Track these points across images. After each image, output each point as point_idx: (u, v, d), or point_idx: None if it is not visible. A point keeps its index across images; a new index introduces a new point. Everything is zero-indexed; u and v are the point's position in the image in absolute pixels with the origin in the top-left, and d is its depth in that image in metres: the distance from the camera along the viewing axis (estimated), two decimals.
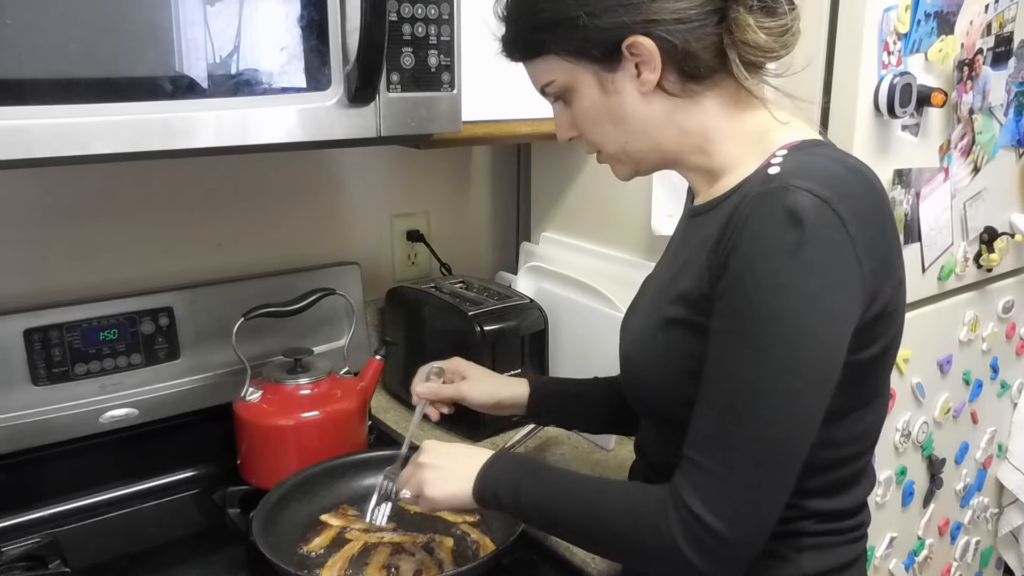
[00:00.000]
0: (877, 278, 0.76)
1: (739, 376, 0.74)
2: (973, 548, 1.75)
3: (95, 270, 1.33)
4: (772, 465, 0.74)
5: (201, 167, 1.40)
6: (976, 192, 1.46)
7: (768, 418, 0.73)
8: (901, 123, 1.26)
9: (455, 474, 0.93)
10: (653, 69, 0.81)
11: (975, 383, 1.61)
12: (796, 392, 0.73)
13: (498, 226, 1.84)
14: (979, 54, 1.35)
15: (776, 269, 0.71)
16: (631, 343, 0.93)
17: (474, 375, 1.16)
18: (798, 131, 0.84)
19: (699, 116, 0.84)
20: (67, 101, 0.85)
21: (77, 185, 1.30)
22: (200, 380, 1.35)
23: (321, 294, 1.32)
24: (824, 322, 0.73)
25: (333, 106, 1.00)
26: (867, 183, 0.80)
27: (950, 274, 1.45)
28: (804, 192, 0.72)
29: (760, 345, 0.72)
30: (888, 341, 0.81)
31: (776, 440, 0.73)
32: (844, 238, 0.72)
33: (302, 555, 1.10)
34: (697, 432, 0.77)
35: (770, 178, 0.76)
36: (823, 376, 0.74)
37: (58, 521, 1.24)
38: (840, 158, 0.80)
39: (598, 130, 0.88)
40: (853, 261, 0.73)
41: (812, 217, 0.71)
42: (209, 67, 0.92)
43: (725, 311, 0.75)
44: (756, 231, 0.73)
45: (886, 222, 0.80)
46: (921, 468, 1.54)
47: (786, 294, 0.71)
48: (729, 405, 0.74)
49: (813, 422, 0.75)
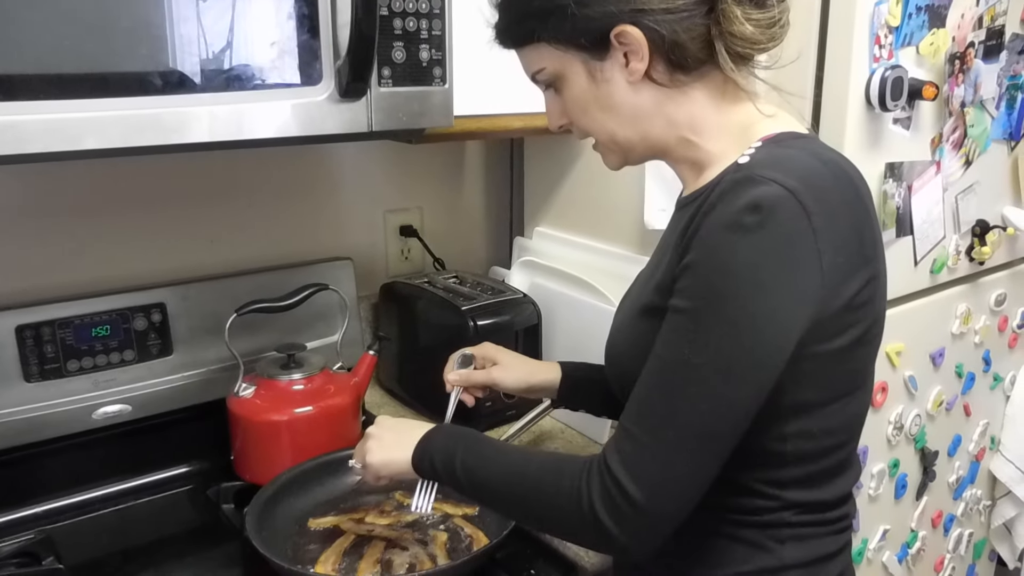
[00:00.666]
0: (841, 272, 0.76)
1: (678, 351, 0.75)
2: (966, 540, 1.76)
3: (88, 266, 1.33)
4: (696, 442, 0.75)
5: (194, 163, 1.40)
6: (968, 185, 1.46)
7: (698, 394, 0.74)
8: (893, 116, 1.26)
9: (396, 442, 0.96)
10: (641, 59, 0.81)
11: (968, 376, 1.61)
12: (729, 374, 0.73)
13: (491, 221, 1.84)
14: (971, 47, 1.35)
15: (729, 252, 0.72)
16: (613, 332, 0.95)
17: (505, 360, 1.17)
18: (782, 124, 0.84)
19: (687, 107, 0.85)
20: (58, 96, 0.85)
21: (70, 181, 1.30)
22: (193, 376, 1.35)
23: (314, 289, 1.32)
24: (769, 311, 0.73)
25: (324, 101, 1.00)
26: (843, 176, 0.80)
27: (942, 267, 1.45)
28: (769, 182, 0.73)
29: (703, 323, 0.74)
30: (860, 332, 0.81)
31: (703, 418, 0.74)
32: (805, 229, 0.72)
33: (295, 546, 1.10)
34: (632, 401, 0.78)
35: (738, 167, 0.77)
36: (760, 363, 0.74)
37: (52, 518, 1.23)
38: (816, 151, 0.80)
39: (587, 118, 0.89)
40: (812, 254, 0.73)
41: (773, 205, 0.72)
42: (200, 62, 0.92)
43: (679, 290, 0.76)
44: (717, 218, 0.74)
45: (861, 216, 0.80)
46: (914, 461, 1.55)
47: (735, 277, 0.72)
48: (664, 378, 0.76)
49: (744, 407, 0.75)
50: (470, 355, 1.18)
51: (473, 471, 0.88)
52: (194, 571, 1.13)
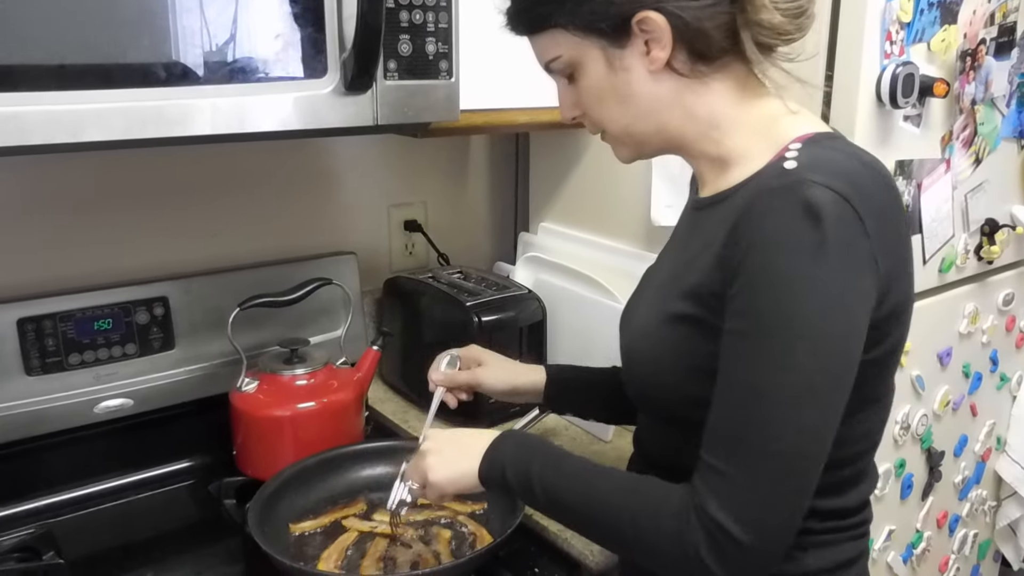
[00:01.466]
0: (890, 276, 0.74)
1: (758, 378, 0.71)
2: (971, 541, 1.75)
3: (89, 259, 1.32)
4: (795, 470, 0.72)
5: (197, 156, 1.39)
6: (978, 184, 1.45)
7: (790, 421, 0.71)
8: (903, 114, 1.25)
9: (460, 454, 0.91)
10: (663, 47, 0.79)
11: (975, 376, 1.60)
12: (817, 394, 0.71)
13: (496, 216, 1.83)
14: (982, 44, 1.34)
15: (795, 267, 0.69)
16: (634, 338, 0.91)
17: (490, 361, 1.15)
18: (808, 122, 0.82)
19: (707, 99, 0.82)
20: (60, 88, 0.84)
21: (72, 174, 1.29)
22: (195, 370, 1.34)
23: (317, 284, 1.31)
24: (844, 322, 0.71)
25: (329, 94, 0.99)
26: (882, 179, 0.78)
27: (951, 266, 1.44)
28: (822, 187, 0.70)
29: (779, 346, 0.70)
30: (896, 341, 0.80)
31: (799, 444, 0.71)
32: (862, 235, 0.70)
33: (296, 541, 1.10)
34: (716, 436, 0.74)
35: (786, 172, 0.73)
36: (843, 377, 0.72)
37: (52, 512, 1.23)
38: (855, 153, 0.78)
39: (603, 109, 0.86)
40: (870, 259, 0.71)
41: (831, 213, 0.69)
42: (204, 54, 0.91)
43: (741, 310, 0.73)
44: (773, 227, 0.70)
45: (899, 219, 0.78)
46: (920, 461, 1.54)
47: (806, 294, 0.69)
48: (748, 408, 0.72)
49: (834, 424, 0.73)
50: (456, 356, 1.16)
51: (553, 495, 0.84)
52: (195, 566, 1.12)
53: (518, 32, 0.87)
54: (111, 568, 1.12)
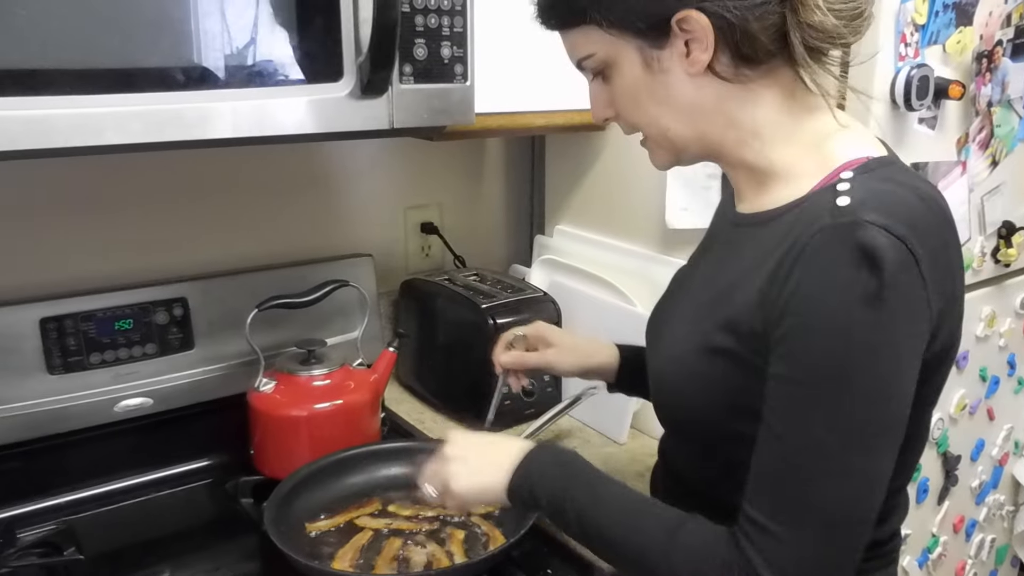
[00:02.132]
0: (942, 316, 0.71)
1: (807, 431, 0.67)
2: (988, 546, 1.74)
3: (110, 260, 1.34)
4: (846, 526, 0.68)
5: (216, 158, 1.41)
6: (994, 186, 1.44)
7: (841, 477, 0.67)
8: (918, 116, 1.25)
9: (485, 465, 0.86)
10: (705, 48, 0.73)
11: (991, 379, 1.59)
12: (869, 448, 0.67)
13: (512, 219, 1.84)
14: (998, 45, 1.33)
15: (850, 315, 0.65)
16: (668, 359, 0.86)
17: (561, 342, 1.10)
18: (860, 141, 0.77)
19: (751, 107, 0.77)
20: (81, 91, 0.85)
21: (93, 176, 1.31)
22: (214, 370, 1.36)
23: (334, 286, 1.32)
24: (899, 373, 0.67)
25: (345, 97, 1.00)
26: (940, 214, 0.73)
27: (967, 269, 1.43)
28: (880, 229, 0.65)
29: (830, 397, 0.67)
30: (942, 378, 0.77)
31: (850, 500, 0.68)
32: (917, 280, 0.66)
33: (312, 541, 1.11)
34: (761, 488, 0.70)
35: (840, 210, 0.68)
36: (895, 427, 0.69)
37: (73, 509, 1.24)
38: (913, 184, 0.73)
39: (638, 111, 0.81)
40: (924, 304, 0.68)
41: (891, 259, 0.65)
42: (222, 58, 0.92)
43: (790, 357, 0.69)
44: (826, 271, 0.66)
45: (954, 256, 0.74)
46: (936, 465, 1.53)
47: (860, 343, 0.66)
48: (796, 462, 0.68)
49: (886, 476, 0.69)
50: (523, 336, 1.11)
51: (589, 521, 0.79)
52: (212, 564, 1.14)
53: (549, 26, 0.82)
54: (130, 564, 1.13)
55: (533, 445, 0.87)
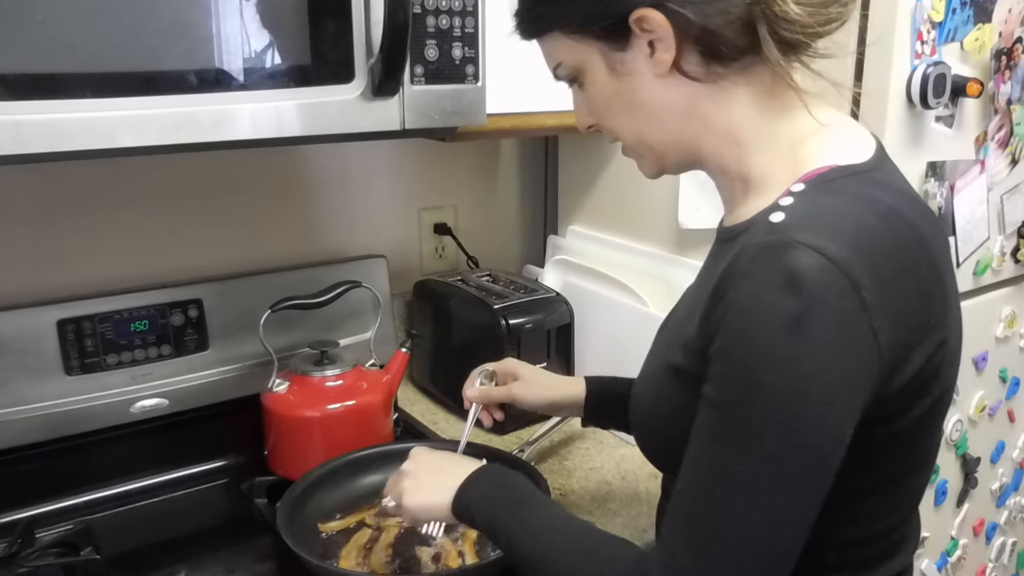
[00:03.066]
0: (903, 347, 0.65)
1: (720, 457, 0.64)
2: (1009, 549, 1.72)
3: (126, 262, 1.35)
4: (750, 563, 0.64)
5: (230, 160, 1.42)
6: (1014, 185, 1.43)
7: (747, 509, 0.63)
8: (935, 114, 1.23)
9: (435, 485, 0.88)
10: (667, 48, 0.70)
11: (1012, 381, 1.57)
12: (782, 484, 0.62)
13: (526, 219, 1.83)
14: (1018, 43, 1.31)
15: (770, 343, 0.61)
16: (640, 378, 0.85)
17: (527, 375, 1.11)
18: (835, 143, 0.72)
19: (726, 108, 0.73)
20: (95, 95, 0.86)
21: (110, 178, 1.32)
22: (229, 371, 1.37)
23: (347, 287, 1.33)
24: (822, 407, 0.62)
25: (357, 99, 1.01)
26: (906, 232, 0.67)
27: (986, 269, 1.42)
28: (808, 250, 0.61)
29: (746, 427, 0.63)
30: (927, 408, 0.70)
31: (756, 535, 0.63)
32: (856, 308, 0.61)
33: (324, 541, 1.11)
34: (677, 515, 0.67)
35: (771, 227, 0.64)
36: (816, 467, 0.63)
37: (90, 509, 1.26)
38: (873, 197, 0.67)
39: (612, 117, 0.79)
40: (866, 334, 0.62)
41: (815, 283, 0.60)
42: (234, 61, 0.93)
43: (712, 381, 0.66)
44: (750, 293, 0.63)
45: (929, 277, 0.68)
46: (955, 467, 1.51)
47: (780, 373, 0.61)
48: (706, 488, 0.65)
49: (802, 518, 0.64)
50: (491, 371, 1.13)
51: (514, 542, 0.79)
52: (228, 564, 1.14)
53: (524, 37, 0.81)
54: (146, 564, 1.14)
55: (480, 467, 0.89)
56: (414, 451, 0.96)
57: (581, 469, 1.33)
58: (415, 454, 0.95)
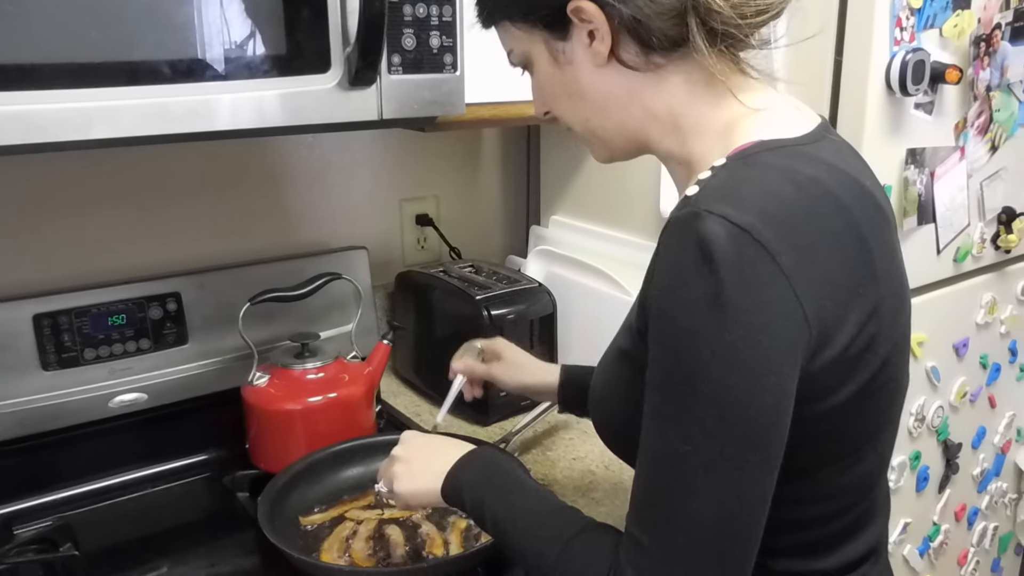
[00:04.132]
0: (830, 316, 0.64)
1: (666, 443, 0.64)
2: (991, 534, 1.73)
3: (103, 256, 1.33)
4: (715, 545, 0.63)
5: (207, 152, 1.40)
6: (994, 171, 1.43)
7: (706, 494, 0.62)
8: (914, 101, 1.23)
9: (425, 469, 0.88)
10: (603, 37, 0.72)
11: (993, 367, 1.58)
12: (733, 459, 0.62)
13: (508, 210, 1.83)
14: (997, 29, 1.32)
15: (693, 318, 0.61)
16: (598, 366, 0.84)
17: (508, 357, 1.14)
18: (769, 124, 0.71)
19: (665, 96, 0.74)
20: (68, 86, 0.84)
21: (85, 171, 1.30)
22: (208, 365, 1.35)
23: (328, 279, 1.32)
24: (755, 377, 0.61)
25: (333, 88, 0.99)
26: (826, 201, 0.66)
27: (966, 256, 1.42)
28: (718, 218, 0.60)
29: (683, 408, 0.62)
30: (863, 383, 0.68)
31: (717, 517, 0.63)
32: (773, 273, 0.61)
33: (306, 534, 1.11)
34: (634, 501, 0.67)
35: (685, 200, 0.65)
36: (765, 438, 0.63)
37: (69, 505, 1.24)
38: (790, 167, 0.67)
39: (558, 105, 0.81)
40: (788, 299, 0.61)
41: (727, 251, 0.60)
42: (208, 51, 0.92)
43: (652, 363, 0.65)
44: (669, 271, 0.63)
45: (851, 245, 0.67)
46: (936, 453, 1.52)
47: (705, 350, 0.61)
48: (657, 475, 0.65)
49: (760, 492, 0.64)
50: (479, 347, 1.16)
51: (500, 527, 0.79)
52: (209, 559, 1.13)
53: (483, 26, 0.84)
54: (127, 560, 1.13)
55: (471, 450, 0.88)
56: (405, 435, 0.96)
57: (565, 459, 1.33)
58: (406, 438, 0.95)
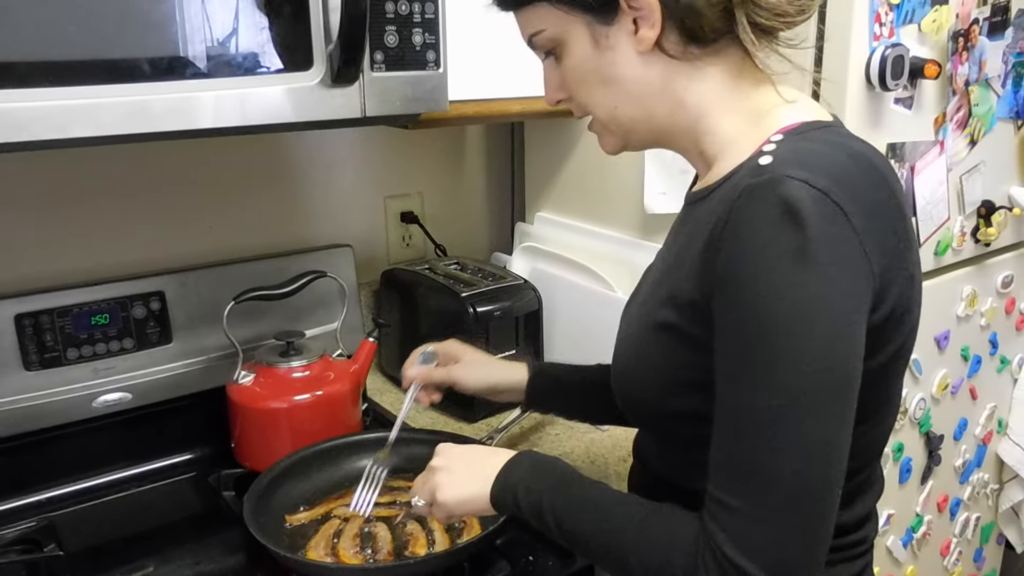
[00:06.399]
0: (886, 276, 0.69)
1: (751, 400, 0.66)
2: (973, 524, 1.75)
3: (86, 254, 1.33)
4: (807, 495, 0.65)
5: (190, 150, 1.40)
6: (973, 165, 1.44)
7: (793, 446, 0.65)
8: (894, 96, 1.24)
9: (471, 475, 0.87)
10: (652, 25, 0.73)
11: (974, 359, 1.60)
12: (817, 409, 0.65)
13: (493, 206, 1.83)
14: (975, 24, 1.33)
15: (780, 275, 0.64)
16: (622, 340, 0.86)
17: (468, 358, 1.12)
18: (803, 111, 0.76)
19: (698, 85, 0.77)
20: (47, 84, 0.84)
21: (67, 169, 1.30)
22: (193, 364, 1.35)
23: (312, 277, 1.31)
24: (839, 329, 0.65)
25: (316, 86, 0.99)
26: (873, 172, 0.72)
27: (947, 249, 1.44)
28: (799, 183, 0.64)
29: (771, 363, 0.65)
30: (899, 346, 0.73)
31: (806, 469, 0.65)
32: (850, 233, 0.65)
33: (292, 532, 1.10)
34: (717, 466, 0.69)
35: (760, 169, 0.68)
36: (845, 386, 0.66)
37: (53, 505, 1.24)
38: (842, 143, 0.72)
39: (587, 91, 0.81)
40: (861, 258, 0.66)
41: (812, 212, 0.63)
42: (188, 48, 0.91)
43: (728, 327, 0.67)
44: (750, 232, 0.65)
45: (896, 215, 0.72)
46: (919, 444, 1.53)
47: (793, 303, 0.64)
48: (746, 433, 0.66)
49: (845, 437, 0.67)
50: (432, 352, 1.14)
51: (566, 526, 0.79)
52: (195, 558, 1.13)
53: (504, 7, 0.82)
54: (111, 560, 1.12)
55: (515, 454, 0.87)
56: (441, 447, 0.93)
57: (551, 455, 1.33)
58: (442, 449, 0.93)
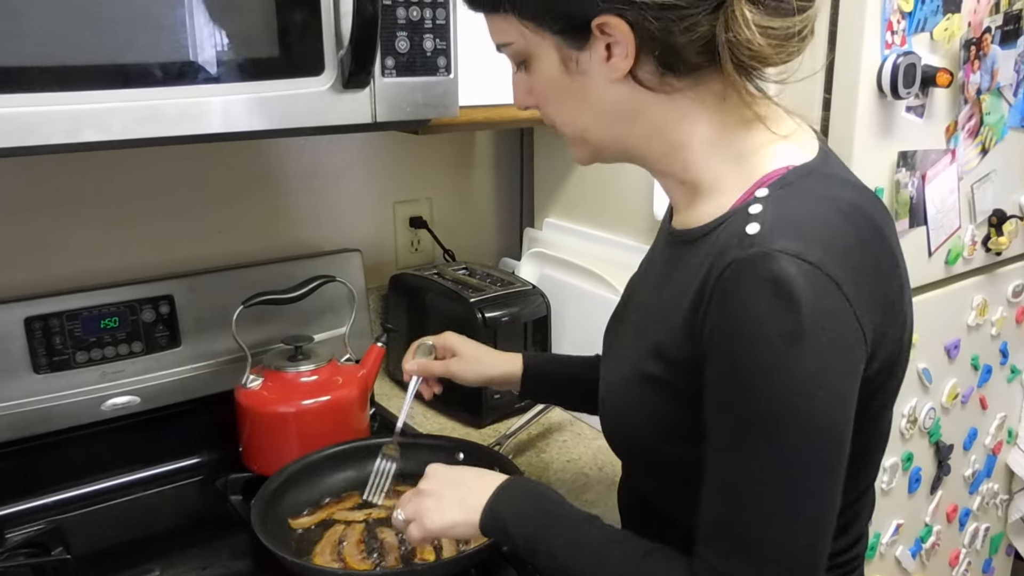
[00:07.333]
0: (879, 333, 0.68)
1: (749, 474, 0.66)
2: (982, 535, 1.74)
3: (95, 258, 1.33)
4: (800, 563, 0.66)
5: (201, 155, 1.40)
6: (984, 174, 1.44)
7: (790, 519, 0.65)
8: (905, 104, 1.24)
9: (459, 501, 0.85)
10: (626, 55, 0.70)
11: (984, 368, 1.59)
12: (812, 481, 0.65)
13: (502, 212, 1.83)
14: (987, 32, 1.32)
15: (775, 355, 0.63)
16: (608, 386, 0.85)
17: (465, 351, 1.12)
18: (789, 151, 0.72)
19: (675, 116, 0.73)
20: (57, 88, 0.84)
21: (78, 173, 1.30)
22: (201, 368, 1.35)
23: (321, 281, 1.32)
24: (835, 402, 0.65)
25: (327, 91, 0.99)
26: (865, 223, 0.69)
27: (957, 258, 1.43)
28: (790, 258, 0.62)
29: (768, 442, 0.64)
30: (889, 391, 0.74)
31: (801, 540, 0.66)
32: (842, 304, 0.64)
33: (299, 538, 1.10)
34: (712, 530, 0.68)
35: (749, 240, 0.65)
36: (839, 454, 0.66)
37: (61, 508, 1.24)
38: (833, 196, 0.69)
39: (555, 108, 0.78)
40: (854, 326, 0.65)
41: (804, 289, 0.62)
42: (201, 53, 0.91)
43: (723, 400, 0.67)
44: (741, 309, 0.64)
45: (888, 264, 0.71)
46: (928, 454, 1.53)
47: (789, 382, 0.63)
48: (742, 505, 0.66)
49: (836, 507, 0.67)
50: (431, 345, 1.14)
51: (558, 557, 0.77)
52: (202, 562, 1.13)
53: (474, 8, 0.79)
54: (119, 563, 1.12)
55: (505, 480, 0.86)
56: (431, 468, 0.92)
57: (558, 461, 1.33)
58: (432, 472, 0.91)
